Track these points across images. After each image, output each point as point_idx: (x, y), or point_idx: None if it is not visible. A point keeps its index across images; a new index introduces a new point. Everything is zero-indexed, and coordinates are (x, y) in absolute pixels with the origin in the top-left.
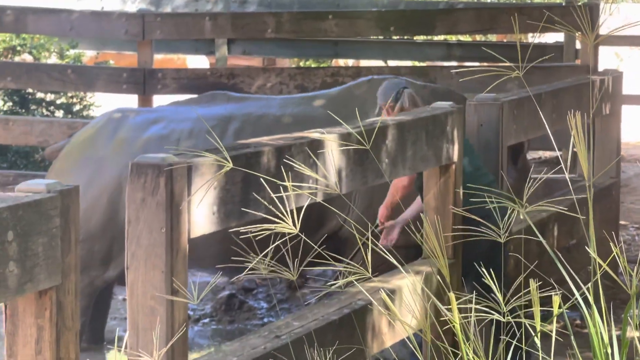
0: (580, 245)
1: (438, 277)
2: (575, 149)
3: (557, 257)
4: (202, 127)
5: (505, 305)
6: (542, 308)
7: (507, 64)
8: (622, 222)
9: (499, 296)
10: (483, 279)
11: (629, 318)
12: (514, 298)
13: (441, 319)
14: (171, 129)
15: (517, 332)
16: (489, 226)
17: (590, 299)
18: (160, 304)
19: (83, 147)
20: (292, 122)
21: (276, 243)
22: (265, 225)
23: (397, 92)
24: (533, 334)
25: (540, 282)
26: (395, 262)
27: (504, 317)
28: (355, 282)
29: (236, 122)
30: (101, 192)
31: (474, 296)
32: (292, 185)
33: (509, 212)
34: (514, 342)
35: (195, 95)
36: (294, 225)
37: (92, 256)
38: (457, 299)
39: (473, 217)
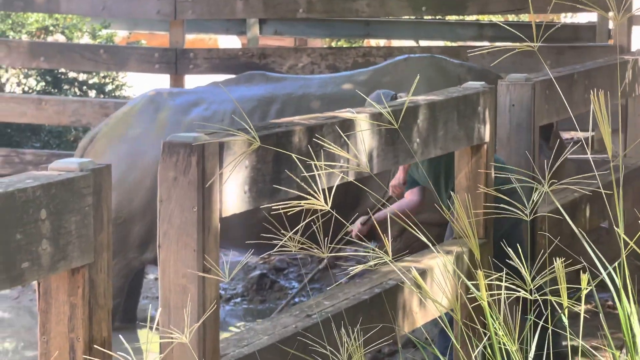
0: (611, 226)
1: (467, 256)
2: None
3: (583, 237)
4: (243, 108)
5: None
6: (570, 286)
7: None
8: None
9: (526, 275)
10: (507, 260)
11: None
12: (539, 275)
13: (469, 295)
14: (213, 110)
15: (546, 312)
16: (514, 204)
17: (618, 279)
18: (192, 283)
19: (122, 129)
20: (333, 101)
21: (306, 220)
22: (297, 202)
23: (391, 99)
24: (560, 312)
25: (569, 261)
26: (426, 241)
27: (531, 295)
28: (389, 262)
29: (277, 103)
30: (143, 174)
31: (504, 274)
32: (323, 165)
33: (534, 192)
34: (541, 322)
35: (232, 76)
36: (326, 202)
37: (131, 238)
38: (486, 278)
39: (500, 196)
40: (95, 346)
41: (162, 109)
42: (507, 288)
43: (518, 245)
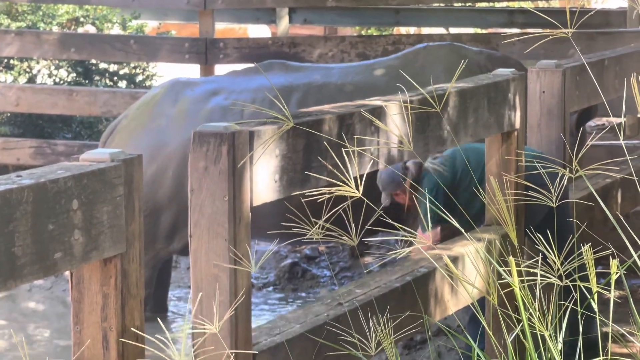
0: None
1: (500, 243)
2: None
3: (618, 222)
4: (263, 98)
5: (564, 270)
6: (600, 271)
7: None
8: None
9: (557, 260)
10: (537, 246)
11: None
12: (567, 261)
13: (500, 281)
14: (233, 99)
15: (578, 297)
16: (541, 192)
17: None
18: (223, 272)
19: (142, 120)
20: (354, 90)
21: (337, 209)
22: (329, 189)
23: (402, 171)
24: (589, 297)
25: (599, 247)
26: (459, 227)
27: (561, 281)
28: (421, 249)
29: (298, 92)
30: (166, 165)
31: (540, 259)
32: (354, 152)
33: (559, 177)
34: (570, 305)
35: (251, 65)
36: (357, 190)
37: (158, 229)
38: (518, 264)
39: (529, 184)
40: (128, 334)
41: (181, 99)
42: (537, 275)
43: (557, 229)
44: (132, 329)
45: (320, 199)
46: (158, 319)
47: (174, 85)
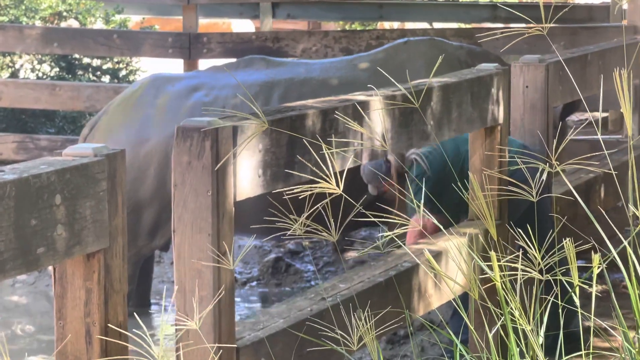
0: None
1: (483, 238)
2: (621, 110)
3: (599, 217)
4: (245, 94)
5: (545, 265)
6: (583, 265)
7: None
8: None
9: (537, 255)
10: (516, 241)
11: None
12: (548, 255)
13: (481, 276)
14: (214, 95)
15: (559, 291)
16: (521, 186)
17: (630, 256)
18: (207, 267)
19: (122, 116)
20: (336, 85)
21: (319, 205)
22: (309, 186)
23: (385, 164)
24: (571, 291)
25: (580, 242)
26: (439, 224)
27: (542, 275)
28: (402, 244)
29: (280, 87)
30: (147, 162)
31: (520, 254)
32: (337, 147)
33: (539, 172)
34: (552, 299)
35: (232, 60)
36: (338, 186)
37: (140, 226)
38: (499, 259)
39: (509, 179)
40: (111, 329)
41: (161, 94)
42: (519, 269)
43: (537, 224)
44: (116, 324)
45: (302, 196)
46: (135, 314)
47: (154, 81)
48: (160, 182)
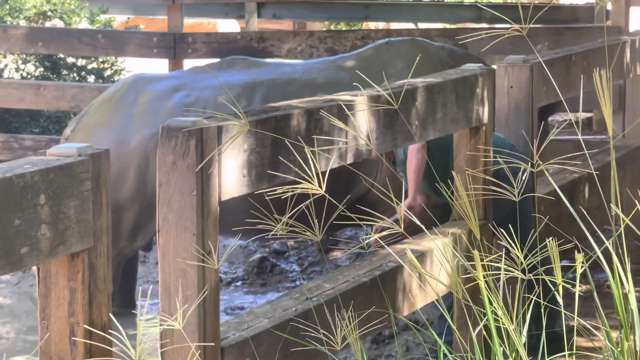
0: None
1: (467, 238)
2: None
3: (582, 216)
4: (227, 94)
5: (527, 264)
6: (567, 264)
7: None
8: None
9: (519, 254)
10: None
11: None
12: (531, 254)
13: (465, 275)
14: (195, 96)
15: (541, 291)
16: (503, 186)
17: (613, 256)
18: (192, 266)
19: (102, 117)
20: (318, 86)
21: (302, 205)
22: (291, 187)
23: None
24: (553, 290)
25: (562, 240)
26: (420, 224)
27: (524, 275)
28: (384, 245)
29: (262, 88)
30: (127, 163)
31: (502, 254)
32: (321, 148)
33: (521, 172)
34: (534, 298)
35: (215, 60)
36: (320, 187)
37: (121, 227)
38: (482, 258)
39: (492, 179)
40: (95, 330)
41: (142, 95)
42: (502, 268)
43: (519, 224)
44: (100, 323)
45: (285, 196)
46: (112, 315)
47: (135, 82)
48: (141, 183)
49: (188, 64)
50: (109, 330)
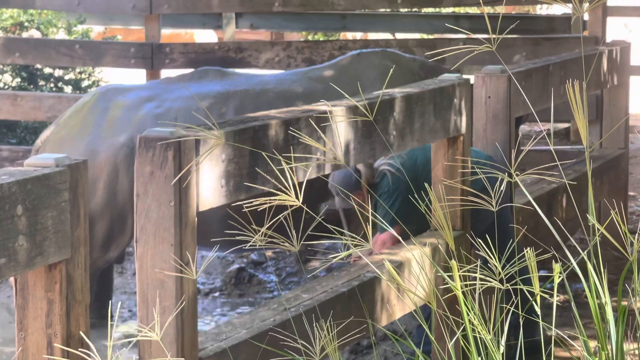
0: (584, 216)
1: (444, 248)
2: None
3: (559, 227)
4: (199, 105)
5: (505, 274)
6: (545, 274)
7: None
8: (630, 193)
9: (497, 264)
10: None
11: (626, 286)
12: (509, 264)
13: (441, 286)
14: (166, 107)
15: (519, 301)
16: (481, 196)
17: (589, 267)
18: (170, 277)
19: (72, 129)
20: (292, 97)
21: (280, 216)
22: (268, 199)
23: (356, 173)
24: (531, 300)
25: (540, 250)
26: (398, 236)
27: (502, 285)
28: (362, 255)
29: (235, 99)
30: (98, 174)
31: (479, 264)
32: (299, 158)
33: (498, 182)
34: (512, 309)
35: (187, 71)
36: (297, 198)
37: (93, 239)
38: (459, 269)
39: (471, 190)
40: (73, 341)
41: (112, 106)
42: (480, 278)
43: (497, 234)
44: (77, 335)
45: (261, 208)
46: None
47: (105, 92)
48: (111, 194)
49: (165, 74)
50: (87, 342)
